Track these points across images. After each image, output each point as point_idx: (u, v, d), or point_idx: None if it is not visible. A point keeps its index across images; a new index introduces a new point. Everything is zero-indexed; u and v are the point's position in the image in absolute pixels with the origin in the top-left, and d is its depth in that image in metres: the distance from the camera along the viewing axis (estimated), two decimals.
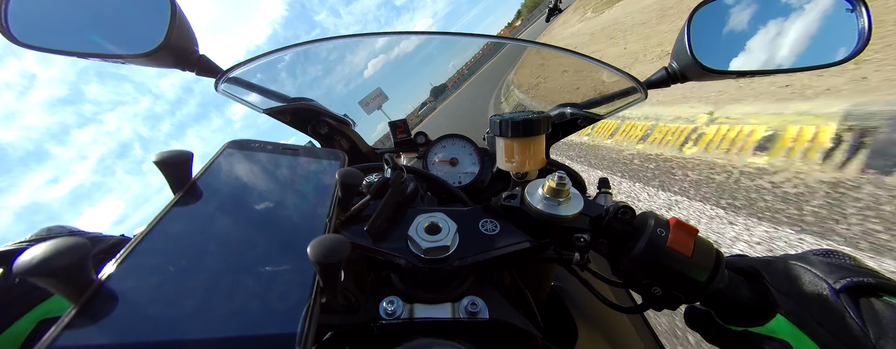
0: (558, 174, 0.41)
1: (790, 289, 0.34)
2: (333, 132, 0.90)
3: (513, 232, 0.42)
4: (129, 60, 0.59)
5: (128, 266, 0.21)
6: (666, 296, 0.37)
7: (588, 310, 0.63)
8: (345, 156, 0.37)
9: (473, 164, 0.89)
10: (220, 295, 0.21)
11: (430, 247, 0.38)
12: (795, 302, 0.33)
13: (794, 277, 0.34)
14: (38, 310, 0.27)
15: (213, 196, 0.27)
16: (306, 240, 0.22)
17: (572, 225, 0.41)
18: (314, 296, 0.22)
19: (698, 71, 0.64)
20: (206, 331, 0.19)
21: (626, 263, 0.37)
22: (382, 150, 1.01)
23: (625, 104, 0.76)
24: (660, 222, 0.38)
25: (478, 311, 0.41)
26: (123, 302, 0.19)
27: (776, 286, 0.35)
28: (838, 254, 0.36)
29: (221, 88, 0.71)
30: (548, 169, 0.75)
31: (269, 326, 0.20)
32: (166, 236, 0.23)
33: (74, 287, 0.18)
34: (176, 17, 0.57)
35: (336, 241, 0.22)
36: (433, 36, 0.84)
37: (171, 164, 0.26)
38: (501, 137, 0.47)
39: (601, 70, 0.75)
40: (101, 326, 0.17)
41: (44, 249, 0.17)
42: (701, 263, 0.36)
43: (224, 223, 0.26)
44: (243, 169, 0.31)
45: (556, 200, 0.40)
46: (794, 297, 0.33)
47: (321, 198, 0.31)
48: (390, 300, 0.41)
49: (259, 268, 0.23)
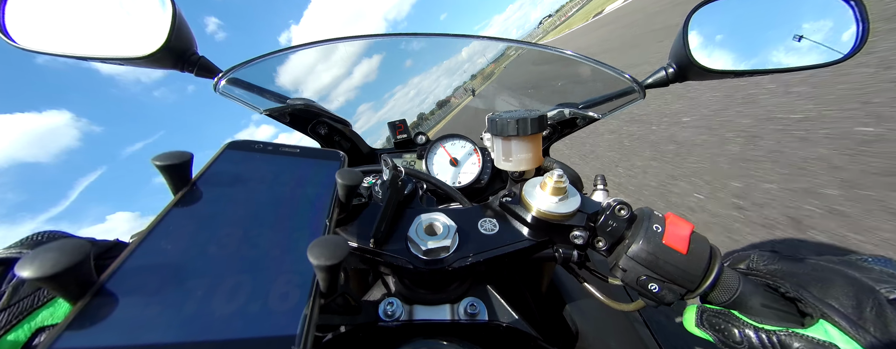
0: (556, 172, 0.41)
1: (836, 295, 0.32)
2: (333, 132, 0.90)
3: (511, 231, 0.42)
4: (130, 62, 0.59)
5: (128, 267, 0.21)
6: (663, 293, 0.37)
7: (586, 308, 0.63)
8: (344, 156, 0.37)
9: (473, 163, 0.89)
10: (220, 296, 0.21)
11: (430, 247, 0.38)
12: (844, 310, 0.31)
13: (843, 286, 0.32)
14: (35, 318, 0.26)
15: (212, 197, 0.28)
16: (306, 241, 0.22)
17: (570, 222, 0.41)
18: (313, 298, 0.22)
19: (696, 71, 0.64)
20: (206, 332, 0.19)
21: (624, 260, 0.38)
22: (382, 150, 1.01)
23: (623, 104, 0.76)
24: (656, 218, 0.38)
25: (477, 313, 0.41)
26: (124, 303, 0.19)
27: (818, 294, 0.33)
28: (894, 263, 0.34)
29: (220, 89, 0.71)
30: (546, 167, 0.76)
31: (268, 328, 0.20)
32: (166, 237, 0.24)
33: (76, 289, 0.18)
34: (176, 19, 0.57)
35: (335, 243, 0.22)
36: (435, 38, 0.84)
37: (170, 165, 0.26)
38: (499, 136, 0.47)
39: (600, 70, 0.75)
40: (102, 328, 0.18)
41: (47, 252, 0.17)
42: (697, 260, 0.36)
43: (224, 224, 0.26)
44: (243, 169, 0.31)
45: (554, 198, 0.41)
46: (841, 304, 0.31)
47: (321, 198, 0.31)
48: (390, 301, 0.41)
49: (258, 270, 0.23)
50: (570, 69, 0.89)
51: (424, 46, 0.93)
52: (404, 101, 1.14)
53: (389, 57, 1.00)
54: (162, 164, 0.25)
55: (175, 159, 0.26)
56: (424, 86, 1.14)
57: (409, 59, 1.01)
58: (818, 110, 2.82)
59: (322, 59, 0.87)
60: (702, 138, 3.20)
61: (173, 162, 0.26)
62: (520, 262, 0.56)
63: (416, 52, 0.93)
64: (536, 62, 1.06)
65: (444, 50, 0.95)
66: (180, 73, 0.65)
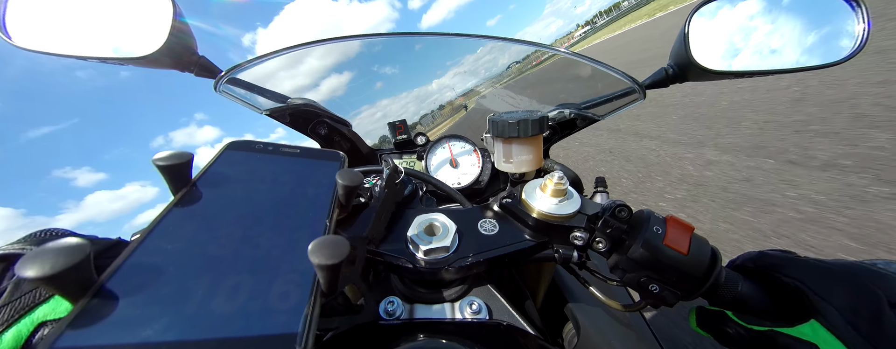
0: (556, 174, 0.41)
1: (836, 297, 0.32)
2: (333, 133, 0.90)
3: (511, 231, 0.43)
4: (130, 62, 0.59)
5: (129, 266, 0.21)
6: (663, 294, 0.37)
7: (587, 308, 0.63)
8: (344, 157, 0.37)
9: (473, 164, 0.89)
10: (221, 296, 0.21)
11: (430, 247, 0.38)
12: (839, 311, 0.31)
13: (843, 285, 0.32)
14: (37, 313, 0.26)
15: (213, 197, 0.28)
16: (306, 240, 0.22)
17: (570, 224, 0.41)
18: (314, 297, 0.22)
19: (696, 71, 0.65)
20: (207, 331, 0.19)
21: (624, 261, 0.38)
22: (382, 150, 1.01)
23: (623, 105, 0.77)
24: (656, 220, 0.38)
25: (477, 312, 0.41)
26: (124, 302, 0.19)
27: (818, 291, 0.33)
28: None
29: (221, 89, 0.71)
30: (546, 169, 0.76)
31: (269, 327, 0.20)
32: (167, 237, 0.24)
33: (76, 288, 0.18)
34: (176, 19, 0.57)
35: (336, 242, 0.22)
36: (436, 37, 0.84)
37: (170, 166, 0.26)
38: (499, 138, 0.47)
39: (599, 71, 0.75)
40: (103, 327, 0.18)
41: (48, 251, 0.17)
42: (697, 261, 0.36)
43: (224, 224, 0.26)
44: (243, 170, 0.31)
45: (554, 200, 0.41)
46: (839, 306, 0.31)
47: (321, 199, 0.31)
48: (390, 300, 0.41)
49: (259, 269, 0.23)
50: (569, 71, 0.89)
51: (426, 47, 0.93)
52: (404, 101, 1.14)
53: (393, 57, 1.00)
54: (162, 165, 0.26)
55: (175, 159, 0.26)
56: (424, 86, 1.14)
57: (410, 60, 1.01)
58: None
59: (322, 60, 0.88)
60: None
61: (173, 162, 0.26)
62: (520, 263, 0.56)
63: (418, 52, 0.93)
64: (531, 83, 1.06)
65: (445, 51, 0.95)
66: (180, 73, 0.65)
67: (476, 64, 1.06)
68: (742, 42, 0.68)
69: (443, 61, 1.05)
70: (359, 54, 0.91)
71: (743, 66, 0.67)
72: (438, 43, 0.92)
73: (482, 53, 0.99)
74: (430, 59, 1.01)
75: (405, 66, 1.04)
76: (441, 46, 0.94)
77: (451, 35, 0.85)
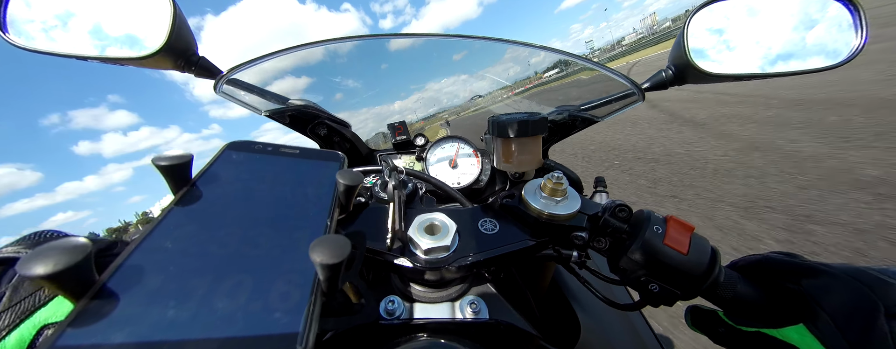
0: (556, 174, 0.41)
1: (831, 301, 0.31)
2: (332, 134, 0.90)
3: (512, 231, 0.43)
4: (130, 62, 0.59)
5: (129, 266, 0.21)
6: (663, 293, 0.37)
7: (587, 307, 0.63)
8: (344, 157, 0.37)
9: (472, 164, 0.90)
10: (222, 295, 0.21)
11: (431, 247, 0.38)
12: (831, 316, 0.30)
13: (840, 290, 0.31)
14: (38, 316, 0.26)
15: (213, 197, 0.28)
16: (307, 240, 0.22)
17: (570, 223, 0.41)
18: (315, 297, 0.22)
19: (696, 74, 0.65)
20: (208, 331, 0.19)
21: (624, 261, 0.38)
22: (381, 151, 1.01)
23: (622, 106, 0.77)
24: (656, 220, 0.38)
25: (478, 311, 0.41)
26: (125, 301, 0.19)
27: (815, 295, 0.31)
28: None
29: (220, 90, 0.71)
30: (545, 169, 0.76)
31: (270, 327, 0.20)
32: (167, 237, 0.24)
33: (77, 287, 0.18)
34: (176, 19, 0.57)
35: (337, 242, 0.22)
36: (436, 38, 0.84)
37: (170, 166, 0.26)
38: (499, 138, 0.47)
39: (599, 73, 0.75)
40: (104, 326, 0.18)
41: (50, 250, 0.17)
42: (697, 260, 0.36)
43: (224, 224, 0.26)
44: (243, 170, 0.31)
45: (554, 199, 0.41)
46: (831, 311, 0.30)
47: (321, 199, 0.31)
48: (391, 300, 0.41)
49: (260, 269, 0.23)
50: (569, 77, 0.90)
51: (428, 47, 0.93)
52: (405, 102, 1.14)
53: (391, 58, 1.00)
54: (162, 165, 0.26)
55: (175, 160, 0.26)
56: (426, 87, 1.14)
57: (411, 61, 1.01)
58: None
59: (322, 60, 0.88)
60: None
61: (174, 162, 0.26)
62: (520, 262, 0.56)
63: (419, 53, 0.94)
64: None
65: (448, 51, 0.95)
66: (181, 73, 0.65)
67: (486, 70, 1.06)
68: (741, 45, 0.68)
69: (443, 61, 1.05)
70: (358, 56, 0.91)
71: (742, 68, 0.67)
72: (438, 44, 0.92)
73: (494, 59, 1.00)
74: (430, 59, 1.02)
75: (405, 68, 1.04)
76: (441, 47, 0.94)
77: (450, 36, 0.85)
